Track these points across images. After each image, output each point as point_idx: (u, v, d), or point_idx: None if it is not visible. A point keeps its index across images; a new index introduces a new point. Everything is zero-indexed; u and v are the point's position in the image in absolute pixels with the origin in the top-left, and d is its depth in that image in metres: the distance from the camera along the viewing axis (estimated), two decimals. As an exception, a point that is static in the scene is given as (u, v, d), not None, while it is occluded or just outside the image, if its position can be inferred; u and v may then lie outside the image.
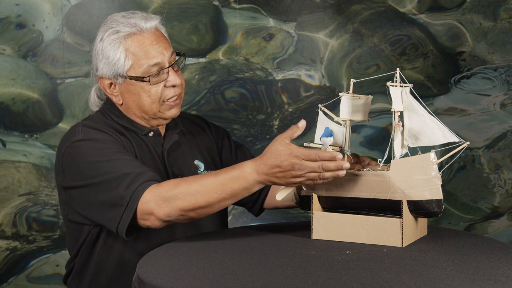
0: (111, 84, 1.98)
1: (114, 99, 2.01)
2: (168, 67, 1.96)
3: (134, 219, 1.80)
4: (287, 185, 1.74)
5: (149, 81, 1.94)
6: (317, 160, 1.67)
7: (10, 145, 3.08)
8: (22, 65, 3.07)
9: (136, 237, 1.89)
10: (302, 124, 1.74)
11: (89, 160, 1.87)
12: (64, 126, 3.09)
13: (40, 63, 3.08)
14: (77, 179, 1.88)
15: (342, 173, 1.69)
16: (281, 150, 1.69)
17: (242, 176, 1.73)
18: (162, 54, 1.95)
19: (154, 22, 1.97)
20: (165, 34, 2.02)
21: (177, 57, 2.00)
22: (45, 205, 3.11)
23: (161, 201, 1.76)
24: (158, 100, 1.96)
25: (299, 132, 1.73)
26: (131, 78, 1.95)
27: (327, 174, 1.68)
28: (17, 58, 3.06)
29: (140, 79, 1.94)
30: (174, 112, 2.00)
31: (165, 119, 2.01)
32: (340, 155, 1.68)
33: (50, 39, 3.07)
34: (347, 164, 1.68)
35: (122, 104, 2.00)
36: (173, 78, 1.97)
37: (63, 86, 3.10)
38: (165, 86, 1.96)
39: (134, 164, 1.85)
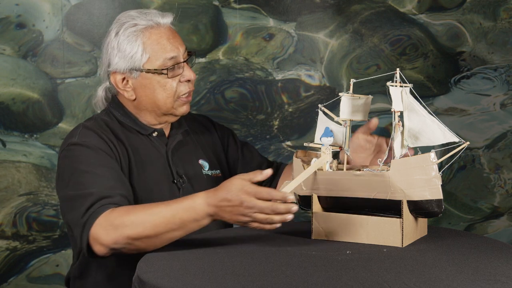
0: (123, 79, 1.98)
1: (126, 95, 2.00)
2: (183, 62, 1.98)
3: None
4: (233, 222, 1.71)
5: (166, 74, 1.95)
6: (267, 200, 1.64)
7: (10, 145, 3.08)
8: (22, 65, 3.06)
9: None
10: (267, 172, 1.69)
11: (74, 166, 1.86)
12: (64, 126, 3.09)
13: (40, 63, 3.07)
14: (60, 186, 1.90)
15: (290, 217, 1.66)
16: (234, 184, 1.65)
17: (192, 207, 1.69)
18: (177, 49, 1.98)
19: (169, 18, 2.01)
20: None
21: (188, 56, 2.02)
22: (45, 205, 3.11)
23: (110, 227, 1.72)
24: (173, 95, 1.98)
25: (260, 178, 1.67)
26: (148, 71, 1.95)
27: (276, 218, 1.65)
28: (17, 58, 3.06)
29: (158, 72, 1.95)
30: (185, 109, 2.02)
31: (175, 115, 2.03)
32: (292, 196, 1.65)
33: (50, 39, 3.07)
34: (295, 208, 1.65)
35: (135, 99, 2.00)
36: (188, 72, 1.99)
37: (63, 86, 3.09)
38: (180, 81, 1.98)
39: (108, 184, 1.82)
